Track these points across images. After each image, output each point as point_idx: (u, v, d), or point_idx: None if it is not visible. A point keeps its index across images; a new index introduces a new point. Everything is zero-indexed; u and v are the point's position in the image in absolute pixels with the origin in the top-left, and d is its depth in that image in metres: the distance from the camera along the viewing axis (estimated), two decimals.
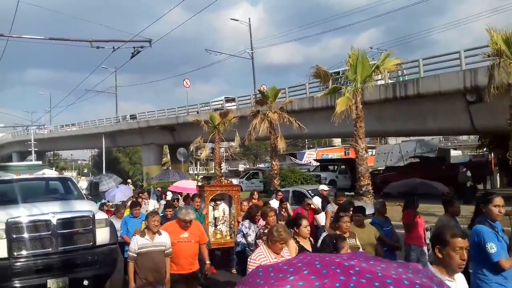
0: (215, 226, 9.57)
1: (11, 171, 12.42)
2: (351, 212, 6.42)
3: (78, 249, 7.28)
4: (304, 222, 5.59)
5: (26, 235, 6.96)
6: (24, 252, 6.91)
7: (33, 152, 44.54)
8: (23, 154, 58.46)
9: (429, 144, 35.58)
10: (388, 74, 18.81)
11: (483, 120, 19.31)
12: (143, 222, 7.66)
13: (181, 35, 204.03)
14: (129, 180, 31.27)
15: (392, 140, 46.13)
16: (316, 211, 9.67)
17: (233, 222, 9.25)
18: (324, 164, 31.35)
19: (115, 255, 7.79)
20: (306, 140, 54.47)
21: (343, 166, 28.21)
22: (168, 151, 48.95)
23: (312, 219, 9.37)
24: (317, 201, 10.73)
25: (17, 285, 6.69)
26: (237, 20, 39.05)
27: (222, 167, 28.29)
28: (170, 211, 8.64)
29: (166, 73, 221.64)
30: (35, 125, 54.17)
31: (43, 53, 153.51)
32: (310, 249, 5.24)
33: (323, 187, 11.84)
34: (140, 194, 14.74)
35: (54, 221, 7.07)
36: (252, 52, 37.94)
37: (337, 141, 55.80)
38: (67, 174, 31.40)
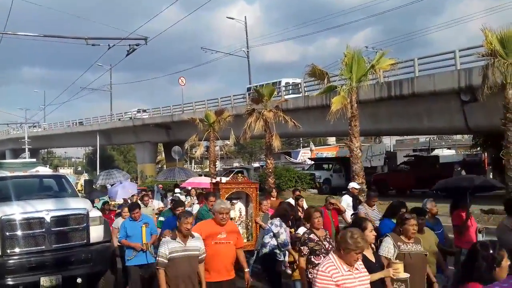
0: None
1: (5, 169, 12.38)
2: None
3: (72, 246, 7.27)
4: (370, 226, 4.90)
5: (19, 232, 6.93)
6: (17, 250, 6.88)
7: (26, 149, 44.33)
8: (16, 151, 58.17)
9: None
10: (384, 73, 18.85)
11: (477, 119, 19.42)
12: (143, 225, 7.28)
13: (177, 33, 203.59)
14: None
15: (386, 140, 46.36)
16: (339, 211, 8.95)
17: (250, 223, 8.59)
18: (319, 162, 31.40)
19: (109, 253, 7.78)
20: (301, 139, 54.53)
21: (337, 165, 28.26)
22: (162, 149, 48.88)
23: (337, 220, 8.73)
24: (347, 200, 9.90)
25: (10, 282, 6.67)
26: (233, 19, 39.08)
27: (216, 166, 28.25)
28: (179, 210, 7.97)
29: (161, 71, 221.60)
30: (29, 123, 53.94)
31: (38, 51, 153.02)
32: (373, 258, 4.63)
33: (354, 184, 10.72)
34: (145, 193, 13.44)
35: (48, 219, 7.05)
36: (247, 51, 37.99)
37: (332, 139, 55.93)
38: (63, 171, 31.01)
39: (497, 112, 15.03)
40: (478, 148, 29.82)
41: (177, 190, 15.53)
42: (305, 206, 9.71)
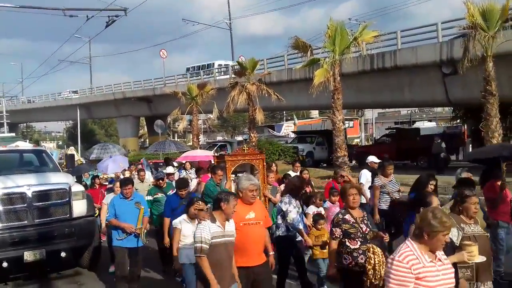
0: None
1: None
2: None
3: (54, 221, 7.26)
4: (435, 201, 4.46)
5: (0, 207, 6.88)
6: None
7: (5, 124, 43.46)
8: None
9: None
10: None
11: (458, 92, 19.66)
12: (136, 203, 6.60)
13: (157, 4, 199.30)
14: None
15: (368, 112, 46.68)
16: None
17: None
18: (302, 136, 31.54)
19: (93, 227, 7.79)
20: (284, 112, 54.57)
21: (320, 138, 28.44)
22: (145, 123, 48.45)
23: None
24: (367, 175, 9.10)
25: None
26: None
27: (200, 139, 28.16)
28: (184, 191, 6.96)
29: (142, 44, 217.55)
30: (7, 97, 52.71)
31: (14, 22, 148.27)
32: None
33: (373, 158, 9.67)
34: (138, 166, 12.80)
35: (29, 194, 7.01)
36: (230, 23, 37.40)
37: (315, 113, 56.11)
38: (45, 145, 30.23)
39: (477, 85, 15.23)
40: (458, 121, 30.29)
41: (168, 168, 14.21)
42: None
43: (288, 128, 47.49)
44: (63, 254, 7.17)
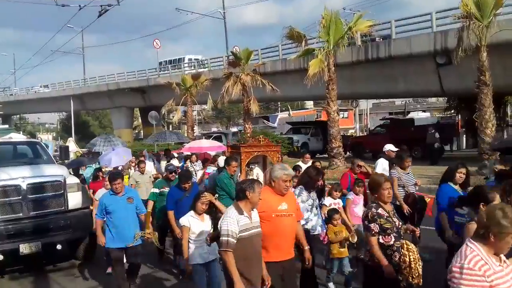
0: None
1: None
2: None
3: (50, 213, 7.23)
4: (497, 198, 4.08)
5: None
6: None
7: None
8: None
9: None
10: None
11: (452, 82, 19.71)
12: (128, 199, 6.05)
13: None
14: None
15: (363, 103, 46.77)
16: (368, 175, 7.74)
17: None
18: (297, 127, 31.57)
19: (88, 219, 7.77)
20: (279, 103, 54.53)
21: (314, 129, 28.48)
22: (139, 114, 48.27)
23: (365, 186, 7.43)
24: (383, 164, 8.78)
25: None
26: None
27: (195, 131, 28.12)
28: (188, 184, 6.55)
29: (135, 34, 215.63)
30: None
31: (5, 12, 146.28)
32: None
33: (390, 146, 9.22)
34: (142, 159, 12.11)
35: (24, 186, 6.97)
36: (224, 12, 37.14)
37: (309, 103, 56.11)
38: (41, 137, 29.72)
39: (471, 75, 15.28)
40: (452, 111, 30.45)
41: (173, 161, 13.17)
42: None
43: (283, 119, 47.52)
44: (58, 247, 7.15)
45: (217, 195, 7.00)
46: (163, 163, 12.95)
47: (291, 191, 4.94)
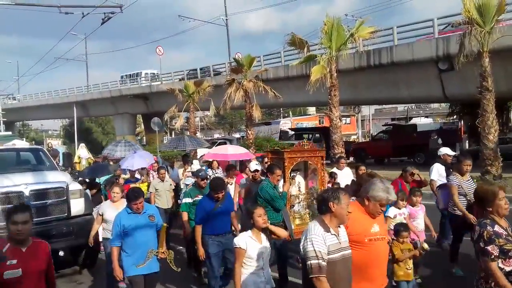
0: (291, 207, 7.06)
1: None
2: None
3: (52, 220, 7.24)
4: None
5: None
6: None
7: (1, 122, 43.28)
8: None
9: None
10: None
11: (454, 88, 19.70)
12: (150, 217, 5.15)
13: (153, 1, 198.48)
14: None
15: (365, 109, 46.76)
16: (421, 184, 7.30)
17: (314, 202, 6.58)
18: (299, 132, 31.57)
19: (91, 225, 7.76)
20: (281, 109, 54.57)
21: (317, 135, 28.47)
22: (142, 120, 48.35)
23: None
24: (439, 170, 8.03)
25: None
26: None
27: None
28: (222, 194, 5.76)
29: (138, 40, 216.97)
30: (3, 95, 52.46)
31: (9, 20, 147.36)
32: None
33: (446, 150, 8.43)
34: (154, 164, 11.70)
35: (27, 193, 6.99)
36: (226, 19, 37.30)
37: (311, 109, 56.12)
38: (52, 143, 29.40)
39: (473, 81, 15.27)
40: (455, 116, 30.40)
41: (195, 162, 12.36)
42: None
43: (285, 125, 47.53)
44: (61, 253, 7.14)
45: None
46: (180, 170, 12.14)
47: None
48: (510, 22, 15.85)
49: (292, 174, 6.92)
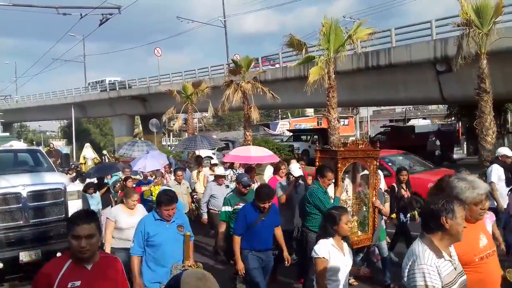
0: None
1: None
2: None
3: (50, 221, 7.23)
4: None
5: None
6: None
7: None
8: None
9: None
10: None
11: (452, 89, 19.74)
12: (179, 227, 4.51)
13: (151, 2, 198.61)
14: (104, 152, 28.40)
15: (363, 110, 46.79)
16: None
17: (365, 208, 6.11)
18: (297, 134, 31.59)
19: None
20: (280, 111, 54.61)
21: (315, 136, 28.49)
22: (140, 122, 48.34)
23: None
24: (498, 172, 7.41)
25: None
26: None
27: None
28: (269, 204, 5.07)
29: (136, 42, 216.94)
30: (0, 96, 52.38)
31: (7, 21, 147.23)
32: None
33: (505, 150, 7.92)
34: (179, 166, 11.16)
35: (24, 194, 6.97)
36: (224, 20, 37.30)
37: (310, 111, 56.19)
38: (55, 143, 29.11)
39: (471, 83, 15.30)
40: (453, 118, 30.45)
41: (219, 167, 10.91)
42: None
43: (283, 127, 47.58)
44: (58, 254, 7.14)
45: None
46: (194, 173, 11.58)
47: None
48: (508, 24, 15.90)
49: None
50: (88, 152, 19.67)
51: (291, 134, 33.10)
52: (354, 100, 25.80)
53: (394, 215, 6.62)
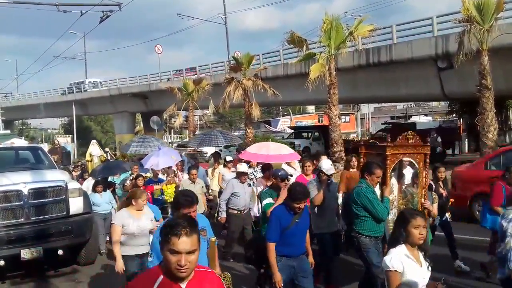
0: None
1: None
2: None
3: (51, 218, 7.23)
4: None
5: None
6: None
7: (0, 121, 43.26)
8: None
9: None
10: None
11: (453, 86, 19.69)
12: (202, 232, 3.56)
13: None
14: (107, 149, 28.14)
15: (364, 107, 46.78)
16: None
17: (413, 209, 5.22)
18: (298, 131, 31.59)
19: (89, 224, 7.77)
20: (281, 108, 54.60)
21: (316, 133, 28.49)
22: (141, 119, 48.37)
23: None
24: None
25: None
26: None
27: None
28: (303, 204, 4.59)
29: (137, 39, 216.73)
30: (1, 93, 52.47)
31: (7, 18, 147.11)
32: None
33: None
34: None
35: (25, 191, 6.98)
36: (225, 17, 37.24)
37: (311, 108, 56.17)
38: (60, 140, 28.85)
39: (472, 79, 15.27)
40: (454, 115, 30.42)
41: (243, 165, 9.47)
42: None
43: (284, 124, 47.60)
44: (60, 252, 7.16)
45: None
46: (209, 170, 11.11)
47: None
48: (509, 21, 15.85)
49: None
50: (95, 149, 18.70)
51: (292, 131, 33.10)
52: (355, 97, 25.77)
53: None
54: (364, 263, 5.05)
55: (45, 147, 20.25)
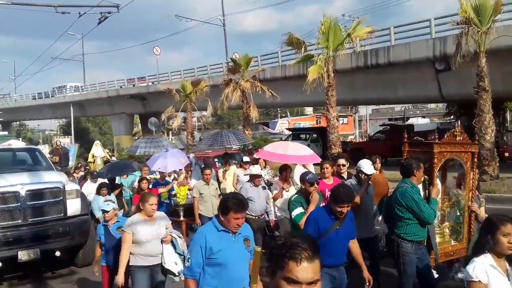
0: None
1: None
2: None
3: (48, 220, 7.22)
4: None
5: None
6: None
7: None
8: None
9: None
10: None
11: (451, 88, 19.74)
12: (246, 241, 3.48)
13: (150, 0, 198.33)
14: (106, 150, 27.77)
15: (362, 109, 46.82)
16: None
17: (459, 212, 5.23)
18: (296, 133, 31.61)
19: (87, 226, 7.75)
20: (279, 109, 54.61)
21: (314, 135, 28.51)
22: (139, 121, 48.30)
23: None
24: None
25: None
26: None
27: (194, 137, 28.11)
28: (347, 208, 4.15)
29: (135, 40, 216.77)
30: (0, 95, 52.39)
31: (6, 19, 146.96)
32: None
33: None
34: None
35: (23, 193, 6.96)
36: (223, 19, 37.25)
37: (309, 110, 56.18)
38: (61, 141, 28.65)
39: (470, 81, 15.31)
40: (452, 117, 30.47)
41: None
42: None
43: (282, 125, 47.61)
44: (57, 253, 7.14)
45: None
46: (220, 171, 10.61)
47: None
48: (507, 23, 15.89)
49: (425, 176, 5.02)
50: (98, 150, 18.28)
51: (290, 132, 33.12)
52: (353, 99, 25.79)
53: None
54: (398, 269, 4.71)
55: (46, 148, 20.15)
